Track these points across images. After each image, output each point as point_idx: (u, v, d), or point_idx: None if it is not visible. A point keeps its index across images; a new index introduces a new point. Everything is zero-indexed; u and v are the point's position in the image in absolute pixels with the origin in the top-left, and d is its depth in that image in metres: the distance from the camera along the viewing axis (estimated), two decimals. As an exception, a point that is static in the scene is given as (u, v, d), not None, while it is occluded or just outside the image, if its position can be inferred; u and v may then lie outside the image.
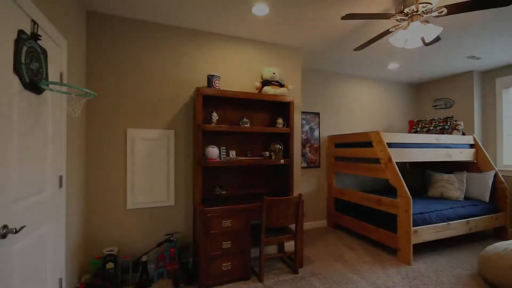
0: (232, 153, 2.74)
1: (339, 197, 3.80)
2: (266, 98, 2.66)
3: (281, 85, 2.78)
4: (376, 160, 3.21)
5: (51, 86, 1.63)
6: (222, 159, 2.58)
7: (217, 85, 2.51)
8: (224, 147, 2.67)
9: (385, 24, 2.59)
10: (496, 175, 3.53)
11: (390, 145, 3.12)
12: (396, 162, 3.02)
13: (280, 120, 2.79)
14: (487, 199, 3.46)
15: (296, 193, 3.12)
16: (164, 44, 2.60)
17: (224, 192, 2.68)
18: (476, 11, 2.31)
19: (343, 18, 2.06)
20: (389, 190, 4.12)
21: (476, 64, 3.71)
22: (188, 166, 2.70)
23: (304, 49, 3.25)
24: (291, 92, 3.11)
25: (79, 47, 2.19)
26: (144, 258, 2.34)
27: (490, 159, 3.66)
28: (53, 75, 1.65)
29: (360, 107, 4.41)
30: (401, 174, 4.35)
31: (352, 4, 2.24)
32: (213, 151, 2.47)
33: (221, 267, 2.29)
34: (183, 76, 2.67)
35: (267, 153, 2.78)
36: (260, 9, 2.30)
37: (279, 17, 2.46)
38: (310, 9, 2.31)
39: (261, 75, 2.84)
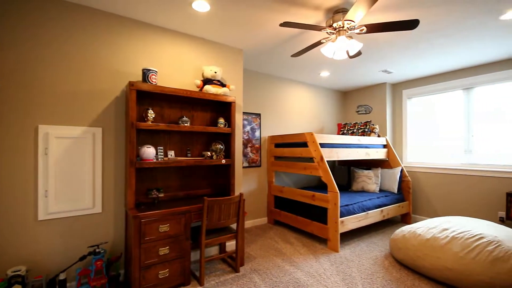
0: (171, 153, 2.60)
1: (278, 194, 3.99)
2: (207, 97, 2.61)
3: (222, 85, 2.77)
4: (311, 159, 3.50)
5: None
6: (159, 159, 2.42)
7: (154, 80, 2.35)
8: (161, 147, 2.51)
9: (318, 35, 2.85)
10: (402, 170, 4.25)
11: (322, 145, 3.44)
12: (327, 161, 3.34)
13: (221, 120, 2.77)
14: (395, 190, 4.13)
15: (237, 192, 3.15)
16: (92, 30, 2.29)
17: (161, 195, 2.52)
18: (388, 33, 2.74)
19: (281, 25, 2.18)
20: (322, 186, 4.54)
21: (388, 77, 4.40)
22: (119, 168, 2.44)
23: (245, 51, 3.31)
24: (232, 92, 3.13)
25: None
26: (62, 276, 2.01)
27: (398, 157, 4.40)
28: None
29: (297, 109, 4.73)
30: (331, 172, 4.85)
31: (291, 13, 2.38)
32: (149, 151, 2.30)
33: (158, 275, 2.14)
34: (114, 68, 2.40)
35: (208, 153, 2.73)
36: (201, 5, 2.25)
37: (220, 16, 2.44)
38: (250, 12, 2.37)
39: (202, 73, 2.78)
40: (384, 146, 4.42)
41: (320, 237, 3.54)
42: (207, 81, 2.72)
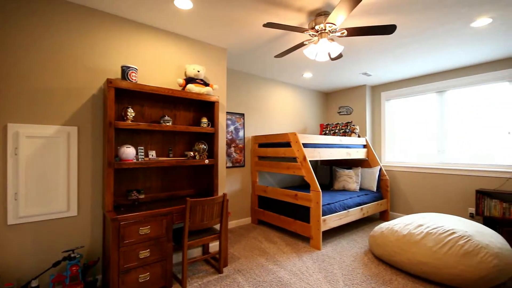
0: (152, 154, 2.53)
1: (262, 194, 4.00)
2: (190, 96, 2.57)
3: (205, 84, 2.74)
4: (294, 159, 3.54)
5: None
6: (139, 160, 2.35)
7: (134, 78, 2.28)
8: (142, 147, 2.44)
9: (301, 37, 2.89)
10: (381, 169, 4.41)
11: (305, 145, 3.50)
12: (309, 161, 3.39)
13: (204, 120, 2.74)
14: (375, 189, 4.28)
15: (221, 192, 3.13)
16: (68, 24, 2.18)
17: (142, 196, 2.45)
18: (367, 36, 2.84)
19: (264, 25, 2.19)
20: (305, 186, 4.61)
21: (368, 79, 4.55)
22: (96, 169, 2.34)
23: (229, 50, 3.29)
24: (216, 92, 3.11)
25: None
26: (34, 283, 1.90)
27: (377, 156, 4.55)
28: None
29: (281, 110, 4.77)
30: (314, 171, 4.93)
31: (274, 14, 2.40)
32: (128, 151, 2.22)
33: (138, 279, 2.08)
34: (91, 64, 2.30)
35: (191, 153, 2.69)
36: (183, 2, 2.21)
37: (203, 14, 2.41)
38: (234, 11, 2.36)
39: (185, 72, 2.74)
40: (364, 146, 4.56)
41: (303, 236, 3.59)
42: (189, 80, 2.68)
